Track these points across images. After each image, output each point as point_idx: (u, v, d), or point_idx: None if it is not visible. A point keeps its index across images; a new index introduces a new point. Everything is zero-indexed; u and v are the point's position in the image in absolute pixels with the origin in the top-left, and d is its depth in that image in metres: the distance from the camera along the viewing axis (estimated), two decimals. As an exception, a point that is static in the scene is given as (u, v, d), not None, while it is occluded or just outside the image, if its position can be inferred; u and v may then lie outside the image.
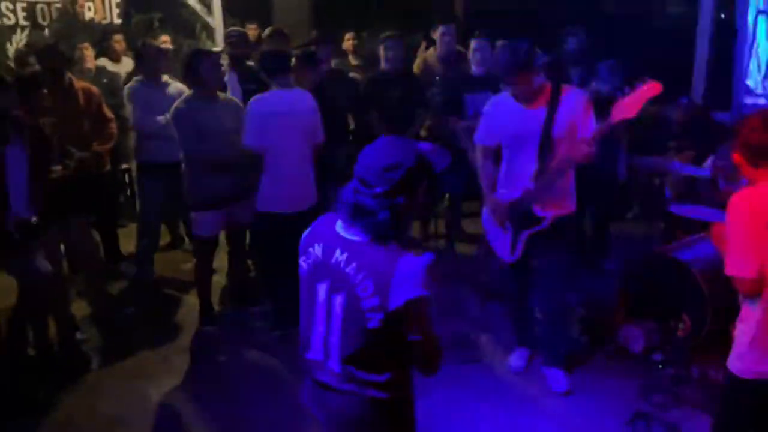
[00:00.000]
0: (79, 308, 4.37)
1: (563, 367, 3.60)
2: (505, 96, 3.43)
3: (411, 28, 6.28)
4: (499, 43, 5.39)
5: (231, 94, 4.58)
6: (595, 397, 3.45)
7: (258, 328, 4.27)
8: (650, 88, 3.00)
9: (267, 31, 5.35)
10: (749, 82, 5.60)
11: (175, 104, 4.01)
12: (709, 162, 4.51)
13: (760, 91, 5.89)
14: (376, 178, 1.76)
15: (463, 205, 5.64)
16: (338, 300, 1.81)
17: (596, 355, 3.85)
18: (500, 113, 3.43)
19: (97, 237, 4.68)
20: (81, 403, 3.53)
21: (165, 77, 4.73)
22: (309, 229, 1.97)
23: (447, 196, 5.71)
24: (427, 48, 6.00)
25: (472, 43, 5.01)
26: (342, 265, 1.80)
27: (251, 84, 4.68)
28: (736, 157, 2.29)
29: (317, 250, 1.88)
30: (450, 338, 3.77)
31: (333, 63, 5.41)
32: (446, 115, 4.92)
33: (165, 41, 5.99)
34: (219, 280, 4.76)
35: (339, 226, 1.86)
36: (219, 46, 7.00)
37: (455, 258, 5.27)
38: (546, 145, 3.26)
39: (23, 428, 3.32)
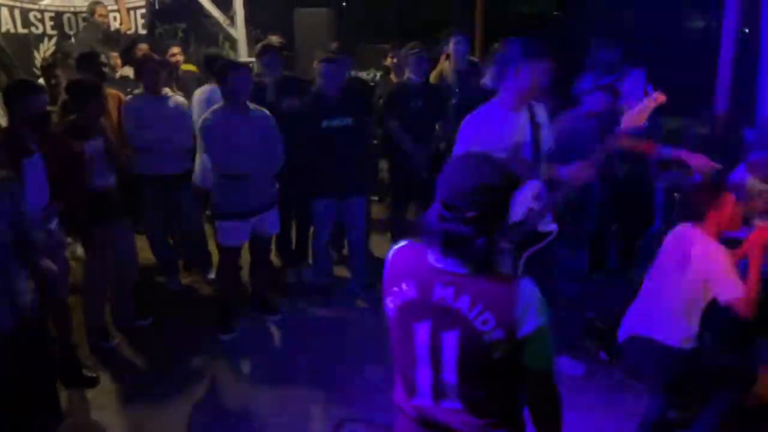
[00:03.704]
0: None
1: (568, 354, 3.67)
2: (493, 104, 3.24)
3: (431, 40, 6.30)
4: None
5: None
6: (613, 414, 3.41)
7: (277, 336, 4.29)
8: (656, 99, 3.06)
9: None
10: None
11: (204, 115, 4.06)
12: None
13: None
14: (467, 201, 1.62)
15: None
16: (449, 338, 1.67)
17: (615, 370, 3.81)
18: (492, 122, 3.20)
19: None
20: (99, 412, 3.56)
21: (166, 90, 4.67)
22: (389, 262, 1.81)
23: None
24: (446, 59, 6.02)
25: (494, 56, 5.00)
26: (448, 301, 1.66)
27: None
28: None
29: (409, 287, 1.72)
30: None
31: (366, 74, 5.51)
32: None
33: (175, 53, 5.98)
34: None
35: (432, 257, 1.71)
36: (242, 56, 7.09)
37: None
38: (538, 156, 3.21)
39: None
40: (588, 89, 4.08)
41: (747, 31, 6.24)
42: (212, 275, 4.98)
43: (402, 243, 1.83)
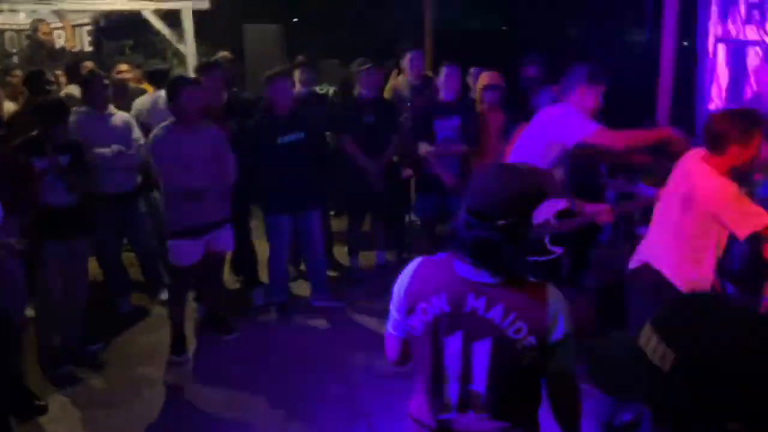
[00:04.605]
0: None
1: None
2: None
3: (382, 56, 6.38)
4: (472, 70, 5.53)
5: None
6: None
7: (234, 356, 4.22)
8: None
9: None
10: (711, 107, 5.76)
11: (154, 132, 4.00)
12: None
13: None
14: (498, 209, 1.63)
15: (437, 228, 5.68)
16: (482, 348, 1.69)
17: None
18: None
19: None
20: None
21: (111, 107, 4.56)
22: (409, 279, 1.78)
23: (417, 220, 5.77)
24: (398, 75, 6.10)
25: (443, 69, 5.10)
26: (480, 311, 1.67)
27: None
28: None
29: (440, 302, 1.71)
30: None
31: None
32: (417, 141, 4.99)
33: (124, 71, 5.88)
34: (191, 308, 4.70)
35: (460, 268, 1.71)
36: (191, 72, 7.01)
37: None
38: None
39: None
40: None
41: (686, 44, 6.50)
42: (164, 296, 4.87)
43: (419, 259, 1.82)
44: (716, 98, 5.72)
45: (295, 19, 12.58)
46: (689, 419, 0.98)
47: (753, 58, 5.32)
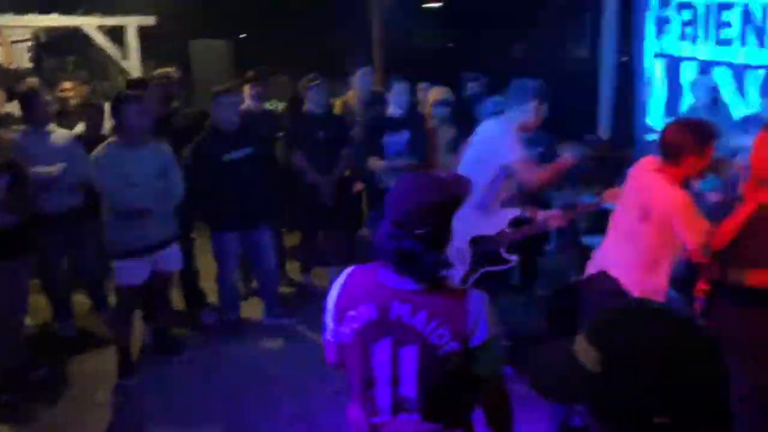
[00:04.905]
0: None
1: None
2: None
3: (332, 72, 6.43)
4: (422, 85, 5.63)
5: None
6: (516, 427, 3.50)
7: (184, 378, 4.13)
8: (565, 161, 3.54)
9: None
10: (649, 121, 6.00)
11: (96, 150, 3.90)
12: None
13: (660, 129, 6.31)
14: (414, 218, 1.69)
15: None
16: (409, 354, 1.73)
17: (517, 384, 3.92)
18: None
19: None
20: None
21: (51, 125, 4.42)
22: (339, 289, 1.84)
23: (370, 234, 5.79)
24: (347, 91, 6.14)
25: (393, 85, 5.17)
26: (405, 318, 1.72)
27: None
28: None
29: (368, 309, 1.76)
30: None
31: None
32: (367, 156, 5.02)
33: (66, 89, 5.71)
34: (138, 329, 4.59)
35: (385, 277, 1.77)
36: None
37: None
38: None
39: None
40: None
41: (625, 60, 6.76)
42: (110, 317, 4.73)
43: (349, 269, 1.88)
44: (654, 112, 5.95)
45: (243, 35, 12.52)
46: (618, 416, 1.03)
47: (688, 72, 5.56)
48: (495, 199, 3.58)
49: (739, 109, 5.09)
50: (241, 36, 12.39)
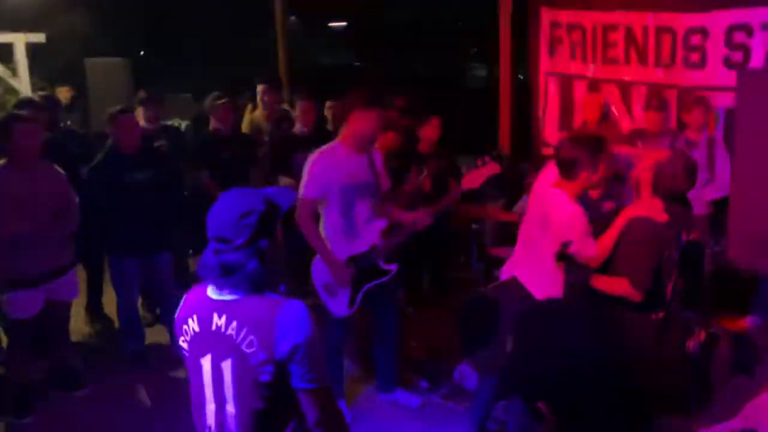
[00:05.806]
0: None
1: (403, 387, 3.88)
2: (333, 146, 3.49)
3: (236, 90, 6.35)
4: (328, 104, 5.67)
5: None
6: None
7: (86, 412, 3.91)
8: (490, 168, 3.61)
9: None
10: (545, 136, 6.29)
11: None
12: (519, 207, 4.98)
13: (555, 143, 6.63)
14: (233, 230, 1.72)
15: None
16: (227, 366, 1.72)
17: (433, 396, 3.99)
18: (330, 163, 3.42)
19: None
20: None
21: None
22: (180, 308, 1.87)
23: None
24: (253, 109, 6.08)
25: (299, 103, 5.16)
26: (223, 329, 1.72)
27: None
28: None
29: (193, 324, 1.78)
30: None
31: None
32: (275, 174, 4.98)
33: None
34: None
35: (211, 291, 1.79)
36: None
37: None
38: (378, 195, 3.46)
39: None
40: None
41: (521, 77, 7.09)
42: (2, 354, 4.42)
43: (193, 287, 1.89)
44: (549, 126, 6.25)
45: (141, 53, 12.14)
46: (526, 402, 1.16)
47: (578, 89, 5.89)
48: (354, 221, 3.44)
49: (625, 124, 5.46)
50: (140, 53, 12.02)
